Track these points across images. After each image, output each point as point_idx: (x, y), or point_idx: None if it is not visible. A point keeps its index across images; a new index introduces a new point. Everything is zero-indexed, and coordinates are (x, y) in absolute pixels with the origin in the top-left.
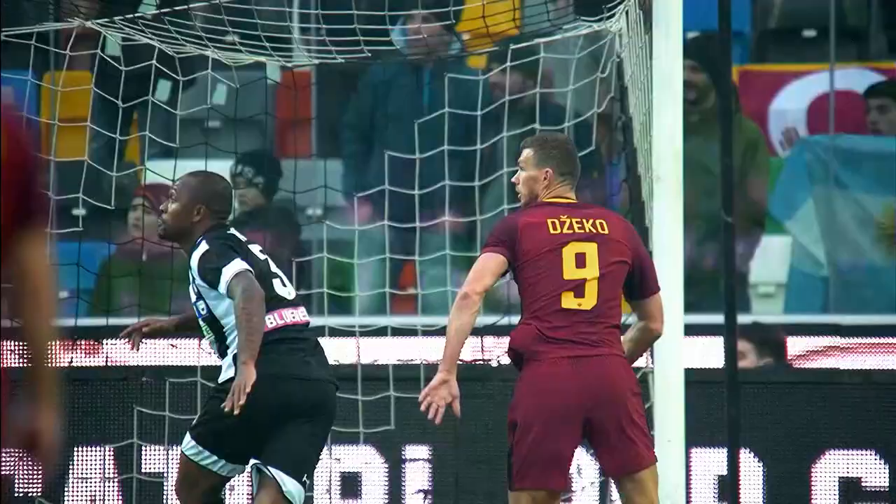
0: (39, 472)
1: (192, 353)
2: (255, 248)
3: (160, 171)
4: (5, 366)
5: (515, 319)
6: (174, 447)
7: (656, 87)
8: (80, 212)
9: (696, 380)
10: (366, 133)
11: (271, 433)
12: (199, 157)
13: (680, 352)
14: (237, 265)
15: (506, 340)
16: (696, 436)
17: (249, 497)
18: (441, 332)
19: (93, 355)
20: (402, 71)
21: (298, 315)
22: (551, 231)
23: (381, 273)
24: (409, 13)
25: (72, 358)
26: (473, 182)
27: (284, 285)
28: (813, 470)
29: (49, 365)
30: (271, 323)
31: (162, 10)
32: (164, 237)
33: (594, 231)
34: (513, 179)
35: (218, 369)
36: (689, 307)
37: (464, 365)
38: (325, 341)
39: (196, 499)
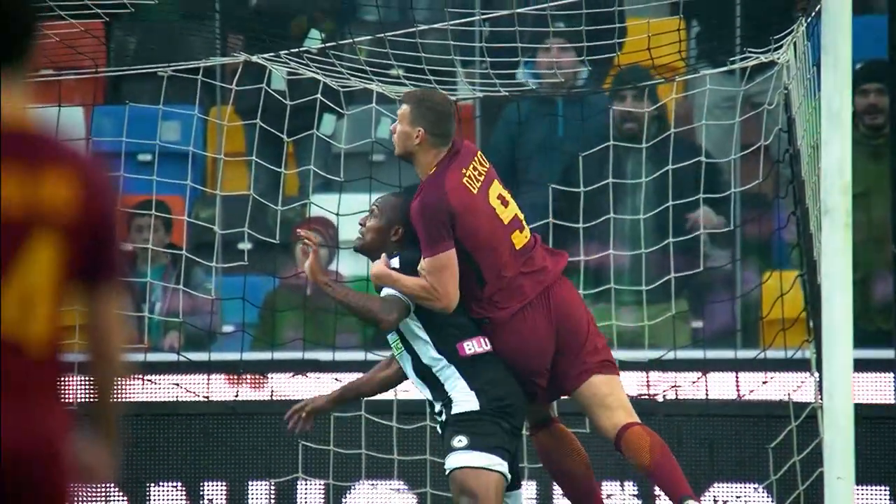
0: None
1: None
2: None
3: (321, 204)
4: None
5: (682, 354)
6: (338, 482)
7: (824, 119)
8: (245, 245)
9: (866, 415)
10: (509, 165)
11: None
12: (362, 190)
13: (849, 387)
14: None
15: (669, 375)
16: (867, 473)
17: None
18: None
19: (258, 389)
20: (537, 101)
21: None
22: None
23: None
24: (572, 45)
25: (237, 392)
26: (639, 215)
27: None
28: None
29: (111, 413)
30: (480, 348)
31: (327, 45)
32: (358, 251)
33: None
34: (391, 127)
35: (382, 404)
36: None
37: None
38: None
39: None
